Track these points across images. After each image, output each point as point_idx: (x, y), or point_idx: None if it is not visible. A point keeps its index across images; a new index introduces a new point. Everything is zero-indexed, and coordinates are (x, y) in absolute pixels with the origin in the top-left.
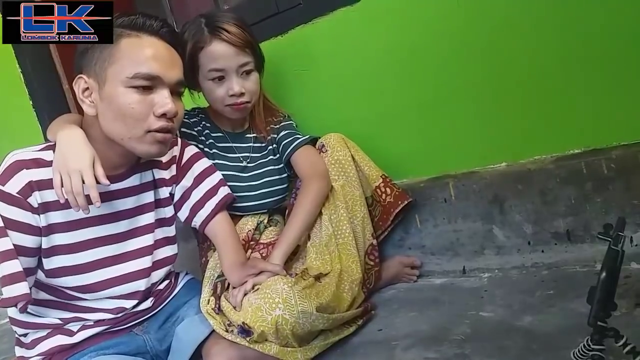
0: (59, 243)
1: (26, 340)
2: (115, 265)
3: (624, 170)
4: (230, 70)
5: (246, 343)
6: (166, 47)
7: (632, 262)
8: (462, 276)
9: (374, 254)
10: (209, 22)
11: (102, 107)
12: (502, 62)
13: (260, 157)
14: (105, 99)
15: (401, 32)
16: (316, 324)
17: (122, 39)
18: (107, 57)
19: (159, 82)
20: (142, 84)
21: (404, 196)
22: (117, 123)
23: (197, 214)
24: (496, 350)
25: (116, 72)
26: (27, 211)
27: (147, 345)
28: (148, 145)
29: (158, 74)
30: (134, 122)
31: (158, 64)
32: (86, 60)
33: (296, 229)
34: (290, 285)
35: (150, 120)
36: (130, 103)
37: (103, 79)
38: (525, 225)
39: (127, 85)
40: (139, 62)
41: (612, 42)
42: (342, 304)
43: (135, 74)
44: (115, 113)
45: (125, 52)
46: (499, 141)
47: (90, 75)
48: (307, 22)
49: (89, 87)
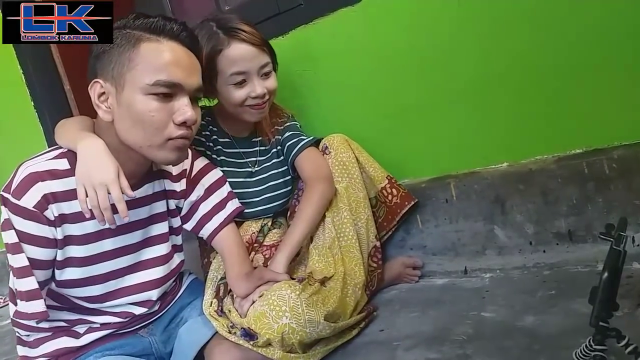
0: (74, 255)
1: (29, 339)
2: (127, 276)
3: (625, 170)
4: (252, 72)
5: (249, 346)
6: (186, 52)
7: (634, 262)
8: (464, 276)
9: (377, 255)
10: (221, 25)
11: (120, 113)
12: (503, 62)
13: (265, 161)
14: (124, 105)
15: (402, 32)
16: (323, 333)
17: (141, 43)
18: (125, 61)
19: (179, 89)
20: (163, 91)
21: (410, 197)
22: (136, 130)
23: (204, 227)
24: (498, 350)
25: (135, 78)
26: (44, 225)
27: (152, 347)
28: (167, 153)
29: (179, 81)
30: (154, 130)
31: (179, 70)
32: (103, 63)
33: (299, 232)
34: (298, 293)
35: (170, 128)
36: (150, 111)
37: (121, 84)
38: (527, 226)
39: (146, 93)
40: (160, 68)
41: (614, 42)
42: (347, 309)
43: (156, 81)
44: (134, 120)
45: (145, 57)
46: (501, 141)
47: (107, 79)
48: (308, 22)
49: (106, 92)
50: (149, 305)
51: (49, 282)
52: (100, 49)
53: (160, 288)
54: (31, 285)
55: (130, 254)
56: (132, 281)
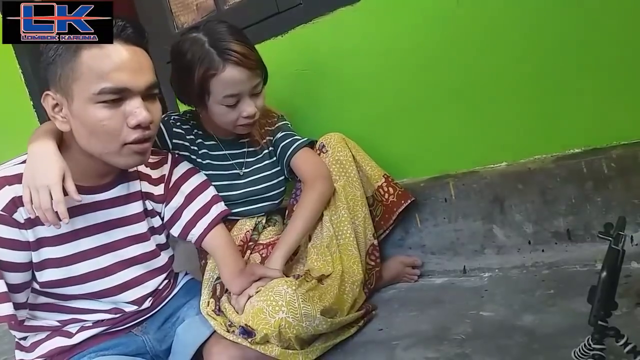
0: (49, 257)
1: (26, 343)
2: (111, 275)
3: (624, 170)
4: (244, 94)
5: (247, 344)
6: (131, 51)
7: (633, 262)
8: (463, 276)
9: (374, 254)
10: (214, 42)
11: (75, 124)
12: (502, 62)
13: (255, 162)
14: (76, 116)
15: (401, 32)
16: (319, 328)
17: (82, 50)
18: (69, 72)
19: (127, 92)
20: (110, 97)
21: (406, 195)
22: (92, 140)
23: (189, 233)
24: (497, 349)
25: (81, 89)
26: (14, 227)
27: (146, 345)
28: (126, 158)
29: (125, 85)
30: (108, 137)
31: (124, 74)
32: (50, 75)
33: (297, 231)
34: (294, 288)
35: (124, 133)
36: (101, 120)
37: (70, 95)
38: (526, 225)
39: (95, 102)
40: (103, 75)
41: (612, 42)
42: (344, 305)
43: (101, 90)
44: (88, 130)
45: (87, 65)
46: (499, 141)
47: (57, 90)
48: (308, 22)
49: (58, 103)
50: (138, 303)
51: (29, 284)
52: (45, 59)
53: (146, 285)
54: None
55: (109, 252)
56: (117, 280)
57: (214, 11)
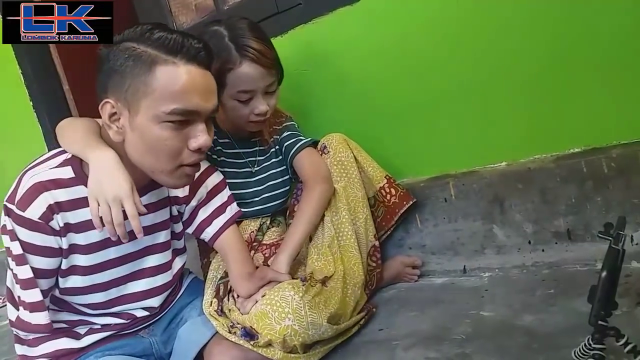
0: (77, 264)
1: (27, 337)
2: (129, 283)
3: (624, 169)
4: (258, 91)
5: (249, 346)
6: (204, 74)
7: (633, 261)
8: (463, 276)
9: (376, 255)
10: (234, 37)
11: (132, 137)
12: (501, 62)
13: (264, 160)
14: (137, 130)
15: (401, 32)
16: (324, 335)
17: (157, 65)
18: (140, 85)
19: (195, 115)
20: (179, 118)
21: (408, 197)
22: (148, 156)
23: (204, 231)
24: (497, 349)
25: (151, 106)
26: (49, 235)
27: (152, 347)
28: (177, 179)
29: (196, 108)
30: (166, 157)
31: (196, 96)
32: (114, 83)
33: (300, 233)
34: (301, 295)
35: (183, 155)
36: (165, 139)
37: (135, 108)
38: (526, 225)
39: (161, 120)
40: (177, 96)
41: (613, 41)
42: (347, 309)
43: (172, 110)
44: (147, 146)
45: (161, 83)
46: (499, 140)
47: (119, 99)
48: (307, 22)
49: (117, 112)
50: (151, 310)
51: (53, 289)
52: (110, 66)
53: (163, 294)
54: (35, 297)
55: (132, 261)
56: (134, 289)
57: (213, 11)
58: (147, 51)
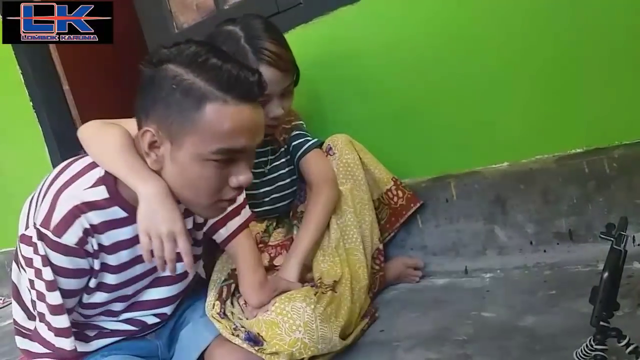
0: (106, 282)
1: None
2: (145, 291)
3: (626, 170)
4: (274, 94)
5: (253, 351)
6: (255, 112)
7: (635, 262)
8: (464, 276)
9: (379, 258)
10: (250, 40)
11: (172, 169)
12: (503, 62)
13: (275, 160)
14: (178, 164)
15: (401, 32)
16: (334, 349)
17: (206, 103)
18: (187, 122)
19: (241, 153)
20: (224, 157)
21: (415, 199)
22: (187, 190)
23: (217, 232)
24: (498, 350)
25: (195, 143)
26: (83, 258)
27: (158, 350)
28: (212, 212)
29: (243, 147)
30: (206, 193)
31: (244, 136)
32: (159, 112)
33: (309, 239)
34: (312, 307)
35: (223, 191)
36: (207, 177)
37: (179, 143)
38: (528, 225)
39: (205, 159)
40: (224, 136)
41: (614, 41)
42: (354, 317)
43: (218, 149)
44: (186, 182)
45: (209, 122)
46: (501, 141)
47: (161, 129)
48: (308, 21)
49: (158, 141)
50: (162, 317)
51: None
52: (155, 94)
53: (176, 302)
54: (63, 324)
55: (153, 274)
56: (149, 297)
57: (213, 11)
58: (197, 83)
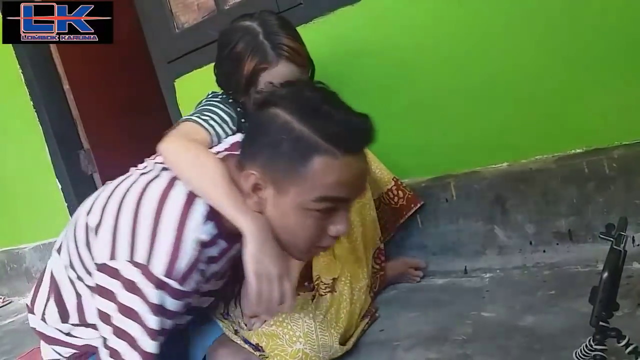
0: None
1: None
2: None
3: (625, 170)
4: None
5: (255, 354)
6: (361, 163)
7: (634, 262)
8: (464, 276)
9: (380, 257)
10: (268, 35)
11: (273, 213)
12: (503, 62)
13: None
14: (279, 210)
15: (402, 32)
16: (334, 355)
17: (315, 156)
18: (294, 171)
19: (344, 203)
20: (325, 206)
21: (416, 199)
22: (285, 235)
23: None
24: (498, 350)
25: (300, 193)
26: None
27: None
28: (306, 255)
29: (346, 196)
30: (304, 240)
31: (349, 187)
32: (266, 158)
33: None
34: (311, 316)
35: (321, 239)
36: (308, 226)
37: (284, 191)
38: (527, 225)
39: (307, 208)
40: (329, 186)
41: (614, 41)
42: (354, 318)
43: (320, 197)
44: (286, 228)
45: (315, 173)
46: (501, 141)
47: (266, 174)
48: (308, 21)
49: (261, 184)
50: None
51: None
52: (264, 140)
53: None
54: None
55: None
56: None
57: (214, 11)
58: (306, 134)
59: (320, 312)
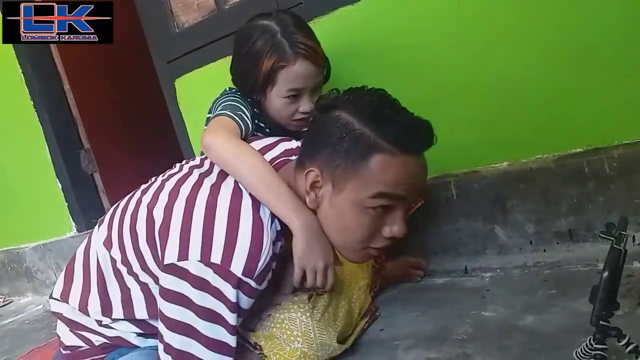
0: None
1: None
2: None
3: (626, 169)
4: (307, 89)
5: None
6: (420, 164)
7: (635, 261)
8: (464, 276)
9: (381, 256)
10: (286, 34)
11: (328, 211)
12: (503, 61)
13: None
14: (336, 207)
15: (401, 31)
16: (333, 354)
17: (373, 154)
18: (352, 168)
19: (400, 201)
20: (382, 204)
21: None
22: (339, 233)
23: None
24: (498, 350)
25: (357, 189)
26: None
27: None
28: (358, 257)
29: (402, 195)
30: (358, 239)
31: (406, 185)
32: (326, 156)
33: None
34: (308, 315)
35: (375, 239)
36: (363, 225)
37: (341, 187)
38: (527, 225)
39: (364, 206)
40: (386, 183)
41: (614, 41)
42: (353, 317)
43: (378, 193)
44: (341, 226)
45: (373, 170)
46: (501, 140)
47: (325, 171)
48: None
49: (319, 182)
50: None
51: None
52: (325, 139)
53: None
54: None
55: None
56: None
57: (214, 10)
58: (367, 134)
59: (318, 311)
